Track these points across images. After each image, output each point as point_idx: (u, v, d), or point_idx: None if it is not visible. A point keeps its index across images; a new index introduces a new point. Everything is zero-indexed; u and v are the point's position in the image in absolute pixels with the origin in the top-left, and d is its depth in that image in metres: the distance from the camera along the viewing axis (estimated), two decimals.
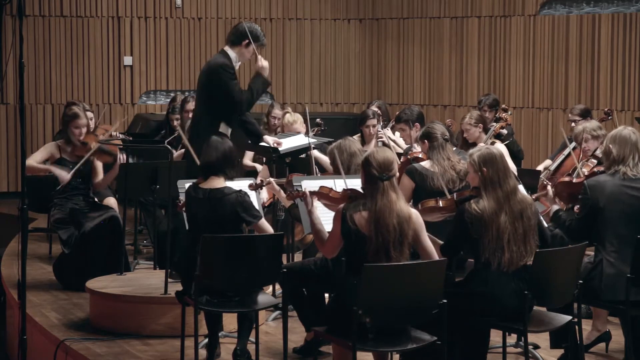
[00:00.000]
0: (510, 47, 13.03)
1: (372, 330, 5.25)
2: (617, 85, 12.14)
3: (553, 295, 5.75)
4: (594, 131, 7.68)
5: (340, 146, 6.70)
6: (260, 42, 7.77)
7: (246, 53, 7.73)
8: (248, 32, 7.65)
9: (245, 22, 7.82)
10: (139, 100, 13.60)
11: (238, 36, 7.70)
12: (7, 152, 13.12)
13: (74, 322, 7.39)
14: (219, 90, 7.59)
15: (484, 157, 5.70)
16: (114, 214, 8.38)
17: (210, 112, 7.63)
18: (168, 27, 13.67)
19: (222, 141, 6.39)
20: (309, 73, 14.36)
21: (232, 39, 7.73)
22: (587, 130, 7.69)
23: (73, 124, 8.46)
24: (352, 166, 6.61)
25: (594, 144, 7.60)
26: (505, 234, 5.56)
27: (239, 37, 7.70)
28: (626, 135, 6.22)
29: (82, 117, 8.50)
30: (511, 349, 6.62)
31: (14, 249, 9.44)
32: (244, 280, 6.11)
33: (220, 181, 6.29)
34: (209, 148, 6.35)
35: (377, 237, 5.31)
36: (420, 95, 13.92)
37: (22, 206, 6.41)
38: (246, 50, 7.71)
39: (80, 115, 8.49)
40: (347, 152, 6.66)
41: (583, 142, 7.73)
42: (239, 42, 7.69)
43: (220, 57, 7.73)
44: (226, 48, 7.74)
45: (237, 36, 7.71)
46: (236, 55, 7.70)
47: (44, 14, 13.19)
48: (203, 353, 6.43)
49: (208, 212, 6.22)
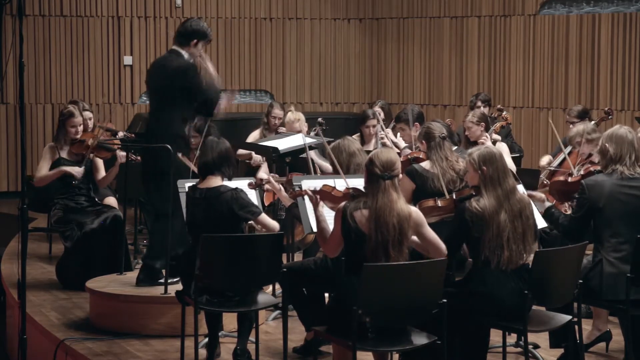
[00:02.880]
0: (510, 46, 13.03)
1: (372, 330, 5.25)
2: (617, 85, 12.14)
3: (553, 294, 5.75)
4: (589, 134, 7.67)
5: (340, 146, 6.70)
6: (208, 39, 7.58)
7: (195, 52, 7.56)
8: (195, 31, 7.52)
9: (192, 20, 7.68)
10: (139, 100, 13.60)
11: (186, 37, 7.49)
12: (7, 152, 13.12)
13: (74, 321, 7.39)
14: (188, 90, 7.41)
15: (484, 156, 5.71)
16: (117, 213, 8.39)
17: (175, 111, 7.40)
18: (168, 26, 13.65)
19: (218, 141, 6.40)
20: (309, 73, 14.36)
21: (181, 41, 7.49)
22: (581, 134, 7.71)
23: (69, 123, 8.50)
24: (352, 166, 6.61)
25: (588, 148, 7.59)
26: (505, 232, 5.57)
27: (186, 38, 7.49)
28: (622, 134, 6.21)
29: (78, 116, 8.54)
30: (511, 348, 6.62)
31: (14, 249, 9.43)
32: (243, 280, 6.11)
33: (217, 180, 6.29)
34: (205, 149, 6.36)
35: (376, 235, 5.32)
36: (420, 95, 13.92)
37: (22, 206, 6.41)
38: (195, 49, 7.54)
39: (75, 114, 8.52)
40: (346, 151, 6.66)
41: (577, 146, 7.75)
42: (187, 43, 7.54)
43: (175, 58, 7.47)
44: (176, 47, 7.53)
45: (185, 37, 7.48)
46: (188, 55, 7.53)
47: (44, 13, 13.19)
48: (203, 353, 6.43)
49: (205, 211, 6.22)
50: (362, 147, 6.87)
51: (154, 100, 7.65)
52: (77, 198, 8.53)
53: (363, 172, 6.45)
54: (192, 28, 7.48)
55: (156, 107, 7.59)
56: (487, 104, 10.11)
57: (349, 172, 6.52)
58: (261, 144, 8.49)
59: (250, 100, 14.10)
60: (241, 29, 13.99)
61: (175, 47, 7.52)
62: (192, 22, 7.56)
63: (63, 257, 8.48)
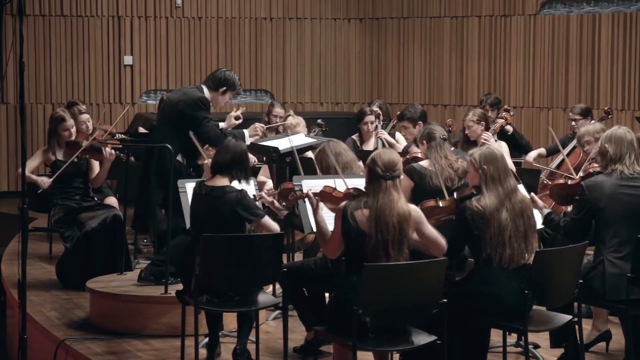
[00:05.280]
0: (511, 46, 13.03)
1: (372, 329, 5.26)
2: (617, 84, 12.14)
3: (553, 294, 5.75)
4: (597, 134, 7.65)
5: (325, 150, 6.68)
6: (237, 91, 7.80)
7: (221, 100, 7.75)
8: (227, 79, 7.66)
9: (226, 70, 7.84)
10: (139, 100, 13.60)
11: (215, 82, 7.68)
12: (7, 152, 13.12)
13: (74, 321, 7.39)
14: (192, 122, 7.56)
15: (485, 155, 5.72)
16: (116, 213, 8.39)
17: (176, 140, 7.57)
18: (168, 26, 13.67)
19: (236, 144, 6.43)
20: (309, 72, 14.36)
21: (209, 84, 7.72)
22: (590, 133, 7.67)
23: (61, 128, 8.56)
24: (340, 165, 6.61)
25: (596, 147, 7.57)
26: (507, 230, 5.57)
27: (216, 84, 7.68)
28: (621, 134, 6.21)
29: (69, 119, 8.60)
30: (511, 348, 6.62)
31: (14, 249, 9.44)
32: (244, 279, 6.11)
33: (224, 181, 6.30)
34: (222, 149, 6.39)
35: (376, 234, 5.32)
36: (421, 94, 13.92)
37: (22, 206, 6.41)
38: (221, 97, 7.72)
39: (66, 117, 8.58)
40: (332, 153, 6.65)
41: (586, 145, 7.72)
42: (216, 88, 7.67)
43: (197, 91, 7.67)
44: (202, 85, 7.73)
45: (214, 82, 7.69)
46: (210, 99, 7.67)
47: (44, 13, 13.19)
48: (203, 352, 6.44)
49: (208, 209, 6.23)
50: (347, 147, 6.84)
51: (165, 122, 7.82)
52: (77, 198, 8.53)
53: (351, 170, 6.51)
54: (224, 76, 7.73)
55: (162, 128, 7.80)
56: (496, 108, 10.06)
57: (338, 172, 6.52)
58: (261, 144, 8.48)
59: (251, 100, 14.10)
60: (241, 29, 13.99)
61: (202, 85, 7.72)
62: (225, 71, 7.81)
63: (63, 257, 8.48)
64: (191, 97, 7.61)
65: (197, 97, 7.58)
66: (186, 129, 7.53)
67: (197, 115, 7.53)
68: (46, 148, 8.66)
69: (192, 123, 7.53)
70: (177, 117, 7.62)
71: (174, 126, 7.64)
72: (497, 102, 10.16)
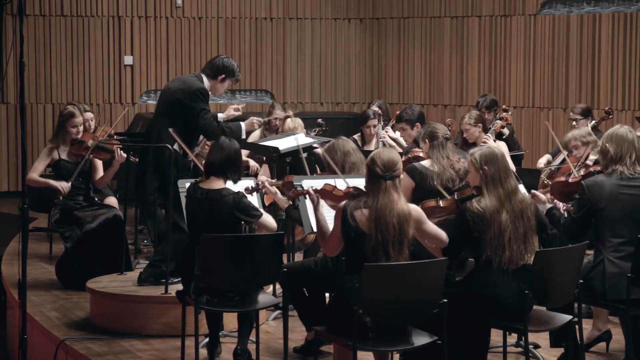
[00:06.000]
0: (511, 46, 13.03)
1: (373, 329, 5.25)
2: (618, 84, 12.14)
3: (553, 294, 5.75)
4: (584, 137, 7.74)
5: (334, 146, 6.69)
6: (235, 78, 7.76)
7: (220, 88, 7.71)
8: (225, 67, 7.63)
9: (223, 57, 7.80)
10: (139, 100, 13.60)
11: (214, 70, 7.65)
12: (8, 152, 13.12)
13: (74, 321, 7.40)
14: (190, 113, 7.54)
15: (486, 156, 5.71)
16: (117, 213, 8.39)
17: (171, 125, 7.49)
18: (168, 26, 13.67)
19: (229, 143, 6.36)
20: (309, 72, 14.36)
21: (208, 72, 7.65)
22: (577, 138, 7.76)
23: (70, 123, 8.47)
24: (347, 165, 6.61)
25: (584, 150, 7.65)
26: (507, 232, 5.57)
27: (215, 71, 7.65)
28: (623, 133, 6.22)
29: (78, 116, 8.52)
30: (511, 348, 6.62)
31: (15, 249, 9.43)
32: (244, 279, 6.11)
33: (219, 182, 6.28)
34: (215, 148, 6.35)
35: (376, 235, 5.32)
36: (421, 94, 13.92)
37: (22, 206, 6.41)
38: (220, 85, 7.69)
39: (76, 114, 8.51)
40: (340, 151, 6.65)
41: (573, 150, 7.79)
42: (215, 76, 7.64)
43: (197, 81, 7.65)
44: (202, 74, 7.70)
45: (213, 70, 7.65)
46: (209, 87, 7.65)
47: (45, 13, 13.19)
48: (203, 352, 6.43)
49: (206, 212, 6.21)
50: (356, 147, 6.85)
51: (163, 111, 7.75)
52: (77, 198, 8.52)
53: (358, 171, 6.51)
54: (222, 64, 7.65)
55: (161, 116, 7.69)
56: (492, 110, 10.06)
57: (344, 171, 6.52)
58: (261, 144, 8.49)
59: (251, 100, 14.10)
60: (242, 29, 13.99)
61: (201, 73, 7.67)
62: (223, 58, 7.72)
63: (63, 257, 8.48)
64: (190, 86, 7.54)
65: (197, 87, 7.51)
66: (183, 118, 7.47)
67: (194, 107, 7.46)
68: (51, 147, 8.58)
69: (189, 113, 7.47)
70: (175, 105, 7.54)
71: (171, 114, 7.55)
72: (494, 104, 10.16)
